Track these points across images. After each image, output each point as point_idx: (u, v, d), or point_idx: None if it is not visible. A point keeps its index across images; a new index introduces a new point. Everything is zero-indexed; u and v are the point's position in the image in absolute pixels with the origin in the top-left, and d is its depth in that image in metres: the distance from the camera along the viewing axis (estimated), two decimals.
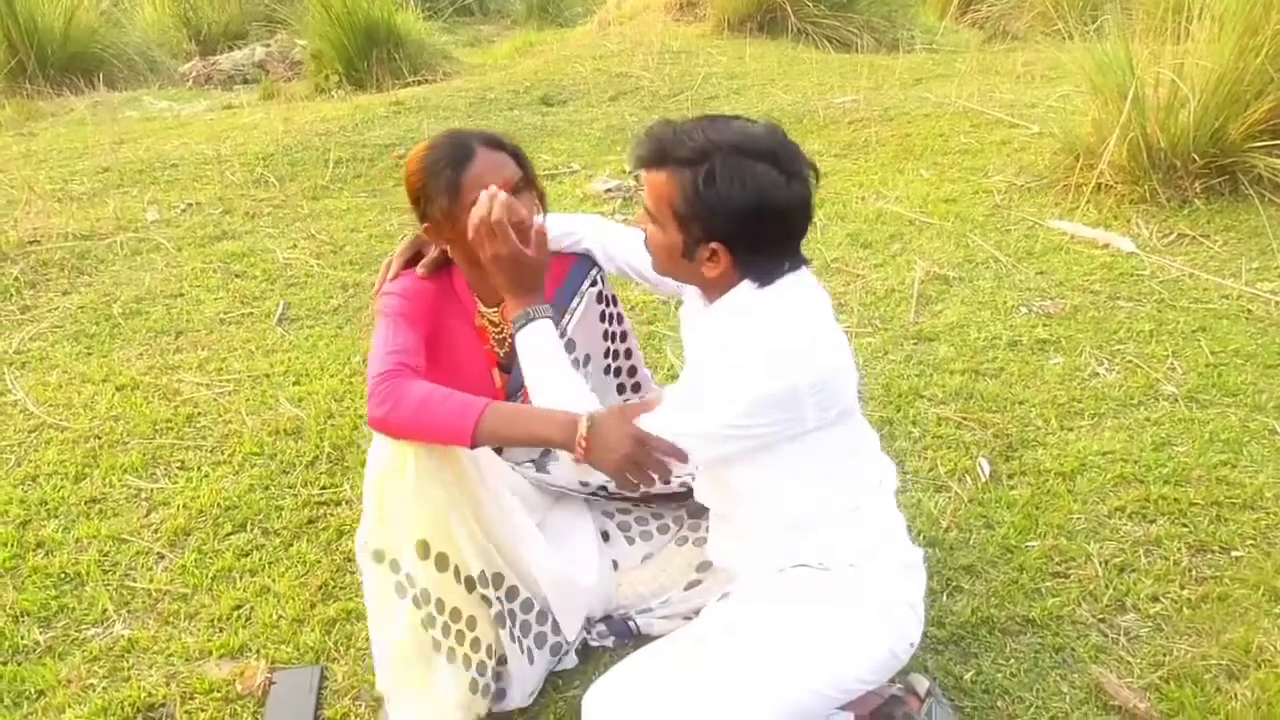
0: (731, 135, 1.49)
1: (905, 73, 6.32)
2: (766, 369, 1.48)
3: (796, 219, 1.53)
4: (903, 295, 3.40)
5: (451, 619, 1.69)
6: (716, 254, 1.52)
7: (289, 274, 3.83)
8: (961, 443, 2.58)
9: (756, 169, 1.46)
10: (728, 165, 1.46)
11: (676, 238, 1.54)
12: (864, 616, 1.57)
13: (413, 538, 1.63)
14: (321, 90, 7.07)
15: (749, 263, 1.54)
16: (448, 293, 1.87)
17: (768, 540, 1.63)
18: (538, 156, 5.18)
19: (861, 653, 1.56)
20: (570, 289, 1.96)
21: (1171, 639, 1.95)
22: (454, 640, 1.70)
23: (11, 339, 3.35)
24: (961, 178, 4.45)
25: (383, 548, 1.66)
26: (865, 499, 1.63)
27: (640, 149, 1.55)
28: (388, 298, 1.79)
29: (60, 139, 5.92)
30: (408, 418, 1.58)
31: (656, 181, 1.53)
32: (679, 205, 1.50)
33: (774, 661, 1.54)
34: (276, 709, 1.87)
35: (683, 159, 1.49)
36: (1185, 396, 2.73)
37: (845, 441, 1.60)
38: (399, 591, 1.67)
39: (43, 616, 2.13)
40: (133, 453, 2.68)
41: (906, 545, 1.67)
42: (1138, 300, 3.28)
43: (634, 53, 7.00)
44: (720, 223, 1.49)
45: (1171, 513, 2.29)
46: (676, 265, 1.59)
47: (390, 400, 1.58)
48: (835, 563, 1.59)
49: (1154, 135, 3.82)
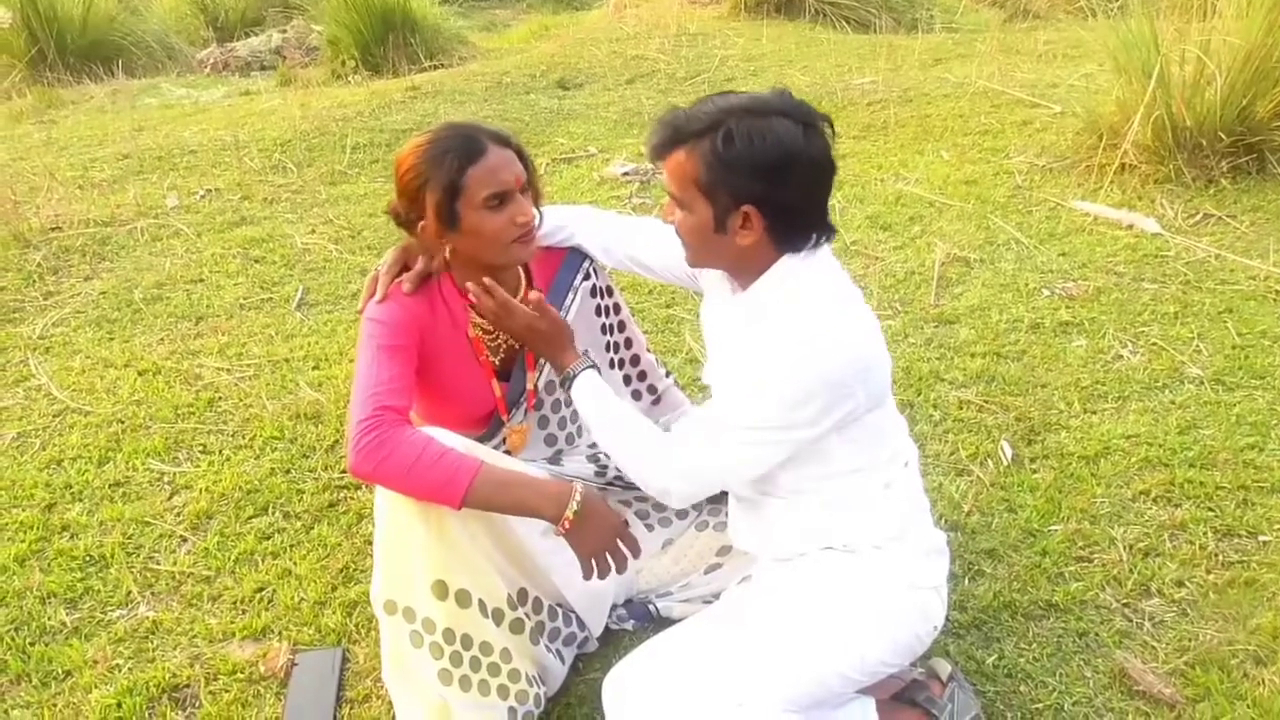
0: (740, 101, 1.48)
1: (924, 53, 6.26)
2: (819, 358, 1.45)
3: (821, 168, 1.50)
4: (923, 278, 3.38)
5: (482, 652, 1.64)
6: (749, 218, 1.48)
7: (307, 259, 3.84)
8: (983, 426, 2.56)
9: (772, 123, 1.45)
10: (743, 124, 1.45)
11: (705, 213, 1.51)
12: (889, 599, 1.56)
13: (428, 580, 1.58)
14: (338, 76, 7.07)
15: (782, 223, 1.50)
16: (436, 307, 1.78)
17: (796, 524, 1.62)
18: (554, 140, 5.17)
19: (886, 636, 1.56)
20: (561, 286, 1.90)
21: (1197, 624, 1.93)
22: (486, 673, 1.65)
23: (35, 324, 3.38)
24: (982, 159, 4.41)
25: (394, 598, 1.60)
26: (896, 479, 1.61)
27: (654, 138, 1.53)
28: (370, 324, 1.69)
29: (81, 126, 5.95)
30: (396, 476, 1.52)
31: (676, 162, 1.51)
32: (702, 176, 1.48)
33: (798, 643, 1.53)
34: (299, 690, 1.88)
35: (697, 131, 1.48)
36: (1211, 379, 2.69)
37: (883, 424, 1.59)
38: (414, 641, 1.61)
39: (69, 598, 2.15)
40: (155, 437, 2.70)
41: (931, 529, 1.66)
42: (1162, 282, 3.24)
43: (650, 35, 6.97)
44: (747, 181, 1.46)
45: (1197, 497, 2.26)
46: (709, 246, 1.55)
47: (379, 454, 1.52)
48: (861, 545, 1.58)
49: (1179, 114, 3.76)
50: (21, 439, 2.73)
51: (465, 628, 1.61)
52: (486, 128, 1.72)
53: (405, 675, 1.66)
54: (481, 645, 1.64)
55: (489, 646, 1.64)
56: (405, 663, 1.64)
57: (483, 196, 1.65)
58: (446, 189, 1.65)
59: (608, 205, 4.27)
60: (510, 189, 1.67)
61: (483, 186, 1.65)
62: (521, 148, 1.75)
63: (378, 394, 1.58)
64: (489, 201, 1.66)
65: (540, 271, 1.87)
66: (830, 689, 1.54)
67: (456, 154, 1.65)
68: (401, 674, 1.67)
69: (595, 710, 1.74)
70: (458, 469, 1.53)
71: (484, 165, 1.65)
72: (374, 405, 1.56)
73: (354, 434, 1.54)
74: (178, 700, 1.89)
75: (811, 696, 1.53)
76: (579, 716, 1.81)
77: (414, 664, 1.63)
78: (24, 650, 2.01)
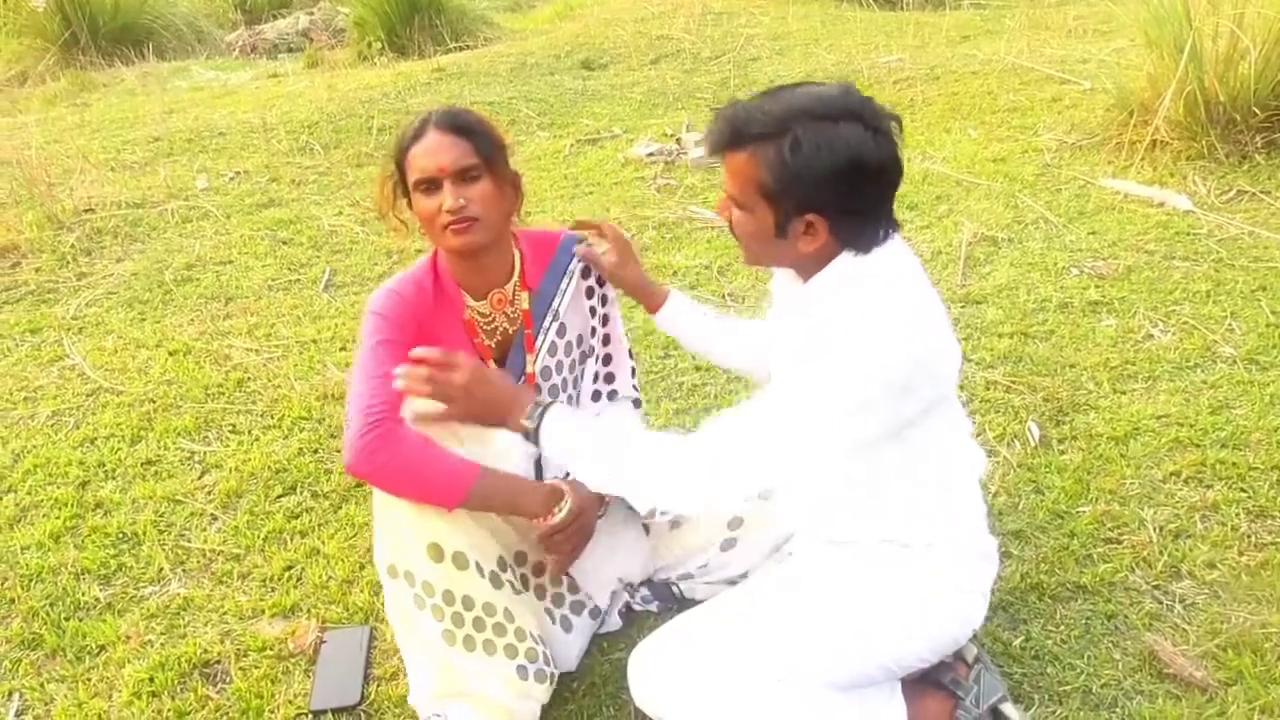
0: (806, 100, 1.42)
1: (952, 30, 6.18)
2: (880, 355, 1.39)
3: (889, 173, 1.44)
4: (950, 257, 3.34)
5: (485, 613, 1.66)
6: (813, 225, 1.44)
7: (334, 241, 3.86)
8: (1010, 407, 2.54)
9: (841, 129, 1.39)
10: (810, 130, 1.38)
11: (767, 218, 1.46)
12: (935, 601, 1.55)
13: (422, 543, 1.60)
14: (364, 58, 7.09)
15: (847, 229, 1.45)
16: (435, 292, 1.78)
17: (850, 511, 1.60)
18: (579, 121, 5.15)
19: (926, 634, 1.55)
20: (557, 269, 1.88)
21: (1229, 606, 1.91)
22: (491, 633, 1.67)
23: (69, 305, 3.43)
24: (1010, 137, 4.35)
25: (395, 562, 1.63)
26: (957, 481, 1.58)
27: (714, 134, 1.47)
28: (373, 317, 1.71)
29: (112, 109, 6.02)
30: (394, 478, 1.57)
31: (738, 163, 1.45)
32: (767, 182, 1.42)
33: (844, 628, 1.53)
34: (327, 667, 1.90)
35: (762, 134, 1.41)
36: (1244, 358, 2.65)
37: (948, 421, 1.55)
38: (417, 604, 1.63)
39: (102, 575, 2.19)
40: (186, 416, 2.73)
41: (985, 533, 1.63)
42: (1194, 260, 3.19)
43: (675, 15, 6.92)
44: (813, 191, 1.41)
45: (1229, 477, 2.23)
46: (768, 248, 1.51)
47: (379, 457, 1.55)
48: (915, 540, 1.56)
49: (1212, 89, 3.69)
50: (56, 417, 2.78)
51: (465, 589, 1.63)
52: (450, 110, 1.70)
53: (412, 637, 1.69)
54: (484, 606, 1.65)
55: (491, 607, 1.66)
56: (411, 625, 1.67)
57: (413, 181, 1.68)
58: (396, 169, 1.71)
59: (632, 186, 4.26)
60: (433, 175, 1.65)
61: (413, 170, 1.68)
62: (485, 131, 1.70)
63: (376, 393, 1.60)
64: (418, 187, 1.68)
65: (535, 256, 1.86)
66: (865, 678, 1.55)
67: (400, 138, 1.70)
68: (409, 636, 1.70)
69: (621, 689, 1.75)
70: (457, 475, 1.57)
71: (415, 150, 1.67)
72: (374, 405, 1.58)
73: (354, 433, 1.56)
74: (208, 676, 1.92)
75: (850, 680, 1.53)
76: (604, 695, 1.82)
77: (419, 626, 1.65)
78: (59, 625, 2.05)
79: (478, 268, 1.77)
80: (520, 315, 1.83)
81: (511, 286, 1.81)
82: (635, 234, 3.75)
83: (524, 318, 1.83)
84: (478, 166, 1.67)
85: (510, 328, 1.83)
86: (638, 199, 4.11)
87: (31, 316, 3.36)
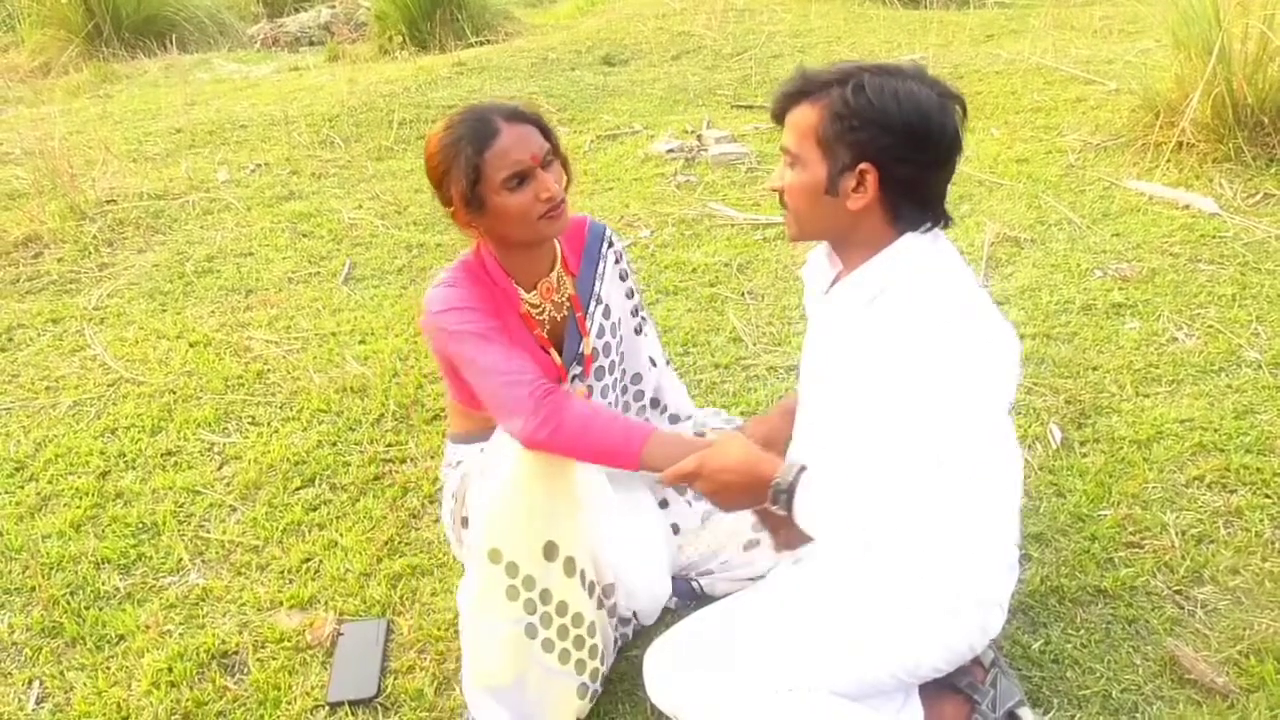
0: (872, 63, 1.43)
1: (976, 29, 6.14)
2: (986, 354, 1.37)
3: (949, 140, 1.42)
4: (972, 258, 3.32)
5: (573, 624, 1.65)
6: (864, 176, 1.41)
7: (354, 234, 3.87)
8: (1031, 409, 2.52)
9: (908, 83, 1.39)
10: (876, 79, 1.39)
11: (819, 171, 1.43)
12: (954, 613, 1.52)
13: (540, 539, 1.58)
14: (385, 51, 7.11)
15: (897, 193, 1.43)
16: (492, 289, 1.77)
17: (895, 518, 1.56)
18: (599, 117, 5.15)
19: (942, 645, 1.53)
20: (591, 253, 1.89)
21: (1252, 613, 1.89)
22: (571, 644, 1.66)
23: (91, 295, 3.45)
24: (1034, 137, 4.32)
25: (500, 547, 1.59)
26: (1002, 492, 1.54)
27: (780, 94, 1.47)
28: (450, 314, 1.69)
29: (135, 100, 6.05)
30: (572, 441, 1.56)
31: (799, 116, 1.45)
32: (825, 128, 1.41)
33: (856, 638, 1.52)
34: (344, 659, 1.91)
35: (826, 81, 1.42)
36: (1270, 363, 2.62)
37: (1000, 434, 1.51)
38: (510, 594, 1.60)
39: (122, 564, 2.20)
40: (206, 407, 2.74)
41: (1011, 545, 1.60)
42: (1220, 263, 3.16)
43: (696, 11, 6.91)
44: (871, 134, 1.38)
45: (1253, 483, 2.21)
46: (816, 209, 1.47)
47: (553, 421, 1.55)
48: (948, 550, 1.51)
49: (1240, 91, 3.65)
50: (77, 407, 2.79)
51: (564, 594, 1.63)
52: (502, 105, 1.70)
53: (488, 625, 1.65)
54: (574, 616, 1.65)
55: (580, 618, 1.66)
56: (492, 612, 1.63)
57: (501, 179, 1.63)
58: (466, 176, 1.64)
59: (652, 182, 4.25)
60: (528, 167, 1.64)
61: (499, 169, 1.63)
62: (541, 118, 1.71)
63: (525, 368, 1.62)
64: (508, 183, 1.64)
65: (570, 243, 1.87)
66: (879, 686, 1.53)
67: (470, 140, 1.64)
68: (485, 622, 1.65)
69: (637, 685, 1.75)
70: (631, 431, 1.58)
71: (497, 147, 1.63)
72: (533, 379, 1.60)
73: (526, 406, 1.57)
74: (226, 666, 1.93)
75: (862, 688, 1.52)
76: (619, 692, 1.81)
77: (503, 615, 1.62)
78: (79, 614, 2.06)
79: (535, 257, 1.77)
80: (566, 301, 1.84)
81: (555, 275, 1.82)
82: (655, 230, 3.74)
83: (573, 302, 1.84)
84: (551, 151, 1.69)
85: (558, 315, 1.84)
86: (657, 195, 4.10)
87: (53, 306, 3.39)
